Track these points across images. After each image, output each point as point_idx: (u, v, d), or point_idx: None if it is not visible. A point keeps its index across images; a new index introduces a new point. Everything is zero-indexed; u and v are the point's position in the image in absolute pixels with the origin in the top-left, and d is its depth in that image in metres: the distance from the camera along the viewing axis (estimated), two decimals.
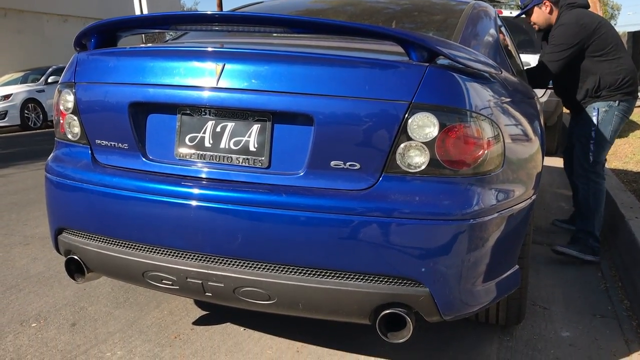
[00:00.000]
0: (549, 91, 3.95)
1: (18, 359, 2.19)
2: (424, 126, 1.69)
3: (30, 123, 12.63)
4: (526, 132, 2.17)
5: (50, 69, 13.61)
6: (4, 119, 12.21)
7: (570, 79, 3.33)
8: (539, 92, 3.29)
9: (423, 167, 1.71)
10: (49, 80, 13.18)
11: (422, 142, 1.70)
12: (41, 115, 12.88)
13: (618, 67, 3.21)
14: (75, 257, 2.09)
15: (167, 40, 2.91)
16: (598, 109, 3.25)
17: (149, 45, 2.20)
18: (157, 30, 2.40)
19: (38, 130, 12.43)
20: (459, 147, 1.71)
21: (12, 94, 12.45)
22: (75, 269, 2.13)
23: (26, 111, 12.55)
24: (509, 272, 1.99)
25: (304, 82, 1.75)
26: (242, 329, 2.43)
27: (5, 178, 6.07)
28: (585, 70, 3.27)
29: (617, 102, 3.23)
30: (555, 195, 5.10)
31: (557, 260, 3.31)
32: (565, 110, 7.79)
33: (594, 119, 3.25)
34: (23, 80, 13.50)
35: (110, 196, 1.95)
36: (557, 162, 6.72)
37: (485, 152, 1.75)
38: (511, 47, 3.27)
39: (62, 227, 2.12)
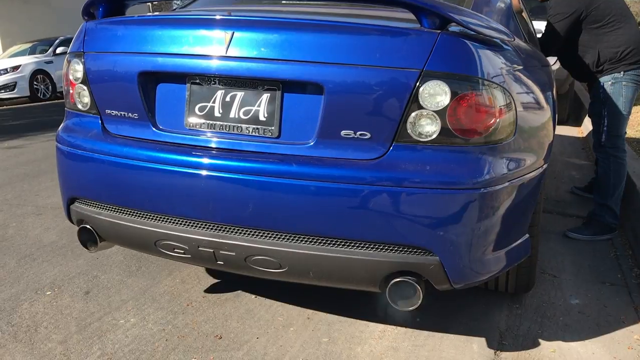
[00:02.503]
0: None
1: (34, 325, 2.23)
2: (436, 94, 1.68)
3: (39, 94, 12.64)
4: (538, 101, 2.15)
5: (58, 40, 13.55)
6: (13, 90, 12.23)
7: (572, 54, 3.26)
8: (550, 59, 3.25)
9: (434, 136, 1.70)
10: (57, 51, 13.14)
11: (434, 111, 1.69)
12: (50, 87, 12.88)
13: (617, 39, 3.10)
14: (88, 226, 2.11)
15: (175, 9, 2.88)
16: (603, 83, 3.17)
17: (158, 13, 2.18)
18: None
19: (47, 102, 12.44)
20: (470, 115, 1.70)
21: (21, 65, 12.44)
22: (88, 238, 2.15)
23: (35, 82, 12.55)
24: (519, 241, 1.99)
25: (314, 50, 1.73)
26: (253, 296, 2.46)
27: (17, 149, 6.11)
28: (584, 45, 3.19)
29: (621, 72, 3.13)
30: (566, 164, 5.07)
31: (567, 229, 3.30)
32: None
33: (602, 95, 3.18)
34: (31, 52, 13.47)
35: (121, 166, 1.96)
36: (568, 130, 6.67)
37: (497, 120, 1.74)
38: (524, 14, 3.21)
39: (74, 196, 2.14)
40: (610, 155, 3.20)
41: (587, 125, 6.25)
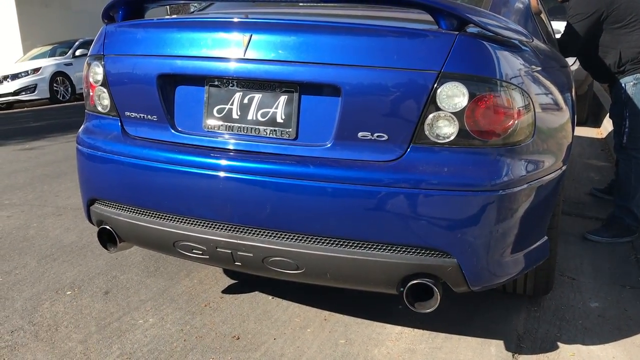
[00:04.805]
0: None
1: (55, 325, 2.26)
2: (453, 96, 1.67)
3: (59, 96, 12.80)
4: (557, 102, 2.13)
5: (77, 42, 13.71)
6: (33, 92, 12.40)
7: (592, 54, 3.23)
8: (569, 60, 3.22)
9: (452, 137, 1.70)
10: (77, 53, 13.29)
11: (451, 113, 1.68)
12: (70, 89, 13.03)
13: (639, 39, 3.08)
14: (107, 227, 2.13)
15: (193, 12, 2.90)
16: (625, 84, 3.13)
17: (177, 16, 2.20)
18: (182, 2, 2.40)
19: (67, 104, 12.60)
20: (488, 117, 1.69)
21: (41, 68, 12.60)
22: (108, 238, 2.18)
23: (55, 84, 12.71)
24: (537, 243, 1.97)
25: (331, 52, 1.74)
26: (270, 297, 2.47)
27: (37, 150, 6.19)
28: (605, 45, 3.15)
29: None
30: (585, 165, 5.02)
31: (586, 231, 3.27)
32: None
33: (623, 96, 3.14)
34: (51, 54, 13.64)
35: (140, 167, 1.98)
36: (588, 132, 6.60)
37: (516, 122, 1.73)
38: (543, 15, 3.19)
39: (94, 197, 2.17)
40: (632, 156, 3.16)
41: (606, 126, 6.18)
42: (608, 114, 3.52)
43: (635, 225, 3.19)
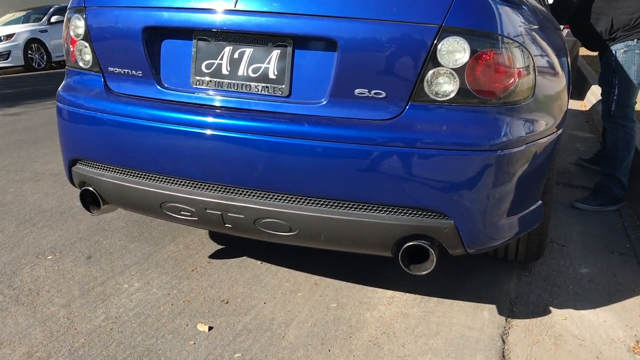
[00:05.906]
0: (566, 30, 3.81)
1: (36, 289, 2.19)
2: (454, 51, 1.61)
3: (34, 64, 12.42)
4: (554, 63, 2.08)
5: (53, 8, 13.27)
6: (7, 59, 12.00)
7: (584, 21, 3.19)
8: None
9: (452, 95, 1.64)
10: (52, 19, 12.86)
11: (452, 69, 1.62)
12: (45, 56, 12.66)
13: (632, 6, 3.02)
14: (90, 188, 2.05)
15: None
16: (615, 51, 3.10)
17: None
18: None
19: (42, 72, 12.25)
20: (489, 74, 1.64)
21: (14, 34, 12.19)
22: (91, 200, 2.10)
23: (30, 52, 12.32)
24: (532, 207, 1.95)
25: (327, 3, 1.66)
26: (259, 262, 2.42)
27: (12, 117, 6.01)
28: (597, 12, 3.11)
29: (635, 40, 3.06)
30: (571, 136, 5.02)
31: (574, 200, 3.27)
32: (581, 52, 7.63)
33: (613, 63, 3.11)
34: (25, 20, 13.19)
35: (125, 126, 1.90)
36: (572, 104, 6.59)
37: (516, 80, 1.67)
38: None
39: (76, 158, 2.08)
40: (619, 125, 3.14)
41: (590, 98, 6.19)
42: (593, 86, 3.49)
43: (622, 194, 3.19)
